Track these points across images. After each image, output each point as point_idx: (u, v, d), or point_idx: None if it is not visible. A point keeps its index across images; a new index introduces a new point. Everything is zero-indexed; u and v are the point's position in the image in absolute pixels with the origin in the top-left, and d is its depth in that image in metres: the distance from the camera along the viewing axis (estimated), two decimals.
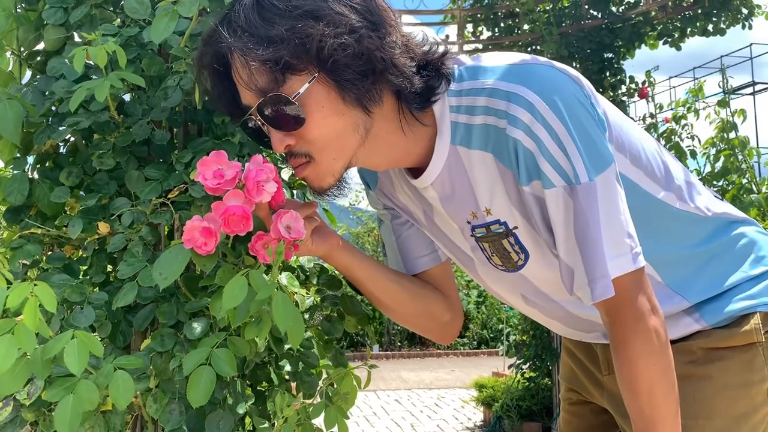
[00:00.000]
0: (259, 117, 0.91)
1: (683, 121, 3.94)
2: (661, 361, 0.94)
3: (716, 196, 1.16)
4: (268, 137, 0.94)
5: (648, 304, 0.94)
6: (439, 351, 10.16)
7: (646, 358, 0.93)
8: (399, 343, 10.32)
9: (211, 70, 0.93)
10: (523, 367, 5.07)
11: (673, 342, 0.97)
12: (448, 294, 1.19)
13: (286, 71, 0.87)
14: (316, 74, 0.88)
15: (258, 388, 1.25)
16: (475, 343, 10.49)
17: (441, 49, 0.96)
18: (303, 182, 1.45)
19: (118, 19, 1.24)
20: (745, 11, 5.10)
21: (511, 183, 0.96)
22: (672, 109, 4.10)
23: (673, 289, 1.08)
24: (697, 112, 3.96)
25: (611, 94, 5.18)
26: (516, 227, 1.00)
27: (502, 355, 7.40)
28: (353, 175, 1.08)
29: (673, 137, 3.90)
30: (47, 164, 1.23)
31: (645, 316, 0.93)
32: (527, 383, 5.12)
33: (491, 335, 10.47)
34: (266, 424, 1.13)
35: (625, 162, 1.02)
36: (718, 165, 3.51)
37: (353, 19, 0.87)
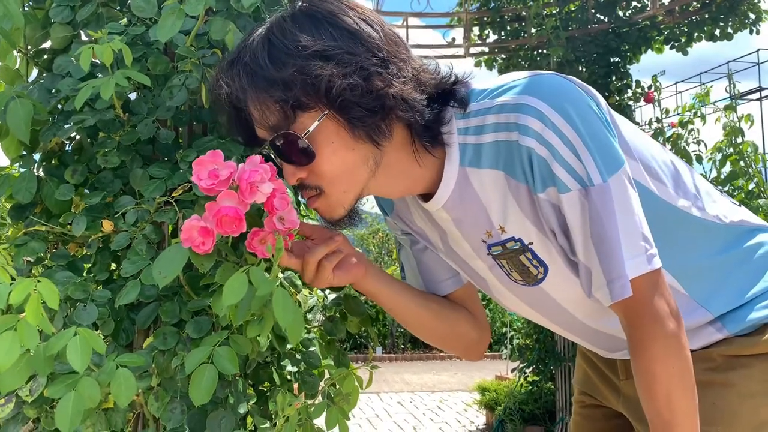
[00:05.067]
0: (273, 151, 0.94)
1: (690, 126, 3.93)
2: (680, 364, 0.93)
3: (733, 203, 1.16)
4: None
5: (666, 306, 0.93)
6: (442, 354, 10.14)
7: (664, 361, 0.92)
8: (402, 346, 10.31)
9: (226, 105, 0.96)
10: (527, 370, 5.06)
11: (692, 350, 0.96)
12: (475, 313, 1.20)
13: (297, 110, 0.90)
14: (325, 112, 0.90)
15: (260, 387, 1.25)
16: None
17: (453, 77, 0.97)
18: None
19: (125, 18, 1.25)
20: (752, 16, 5.09)
21: (525, 197, 0.96)
22: (678, 114, 4.08)
23: (697, 302, 1.07)
24: (703, 117, 3.95)
25: (617, 98, 5.17)
26: (531, 243, 1.00)
27: (505, 358, 7.38)
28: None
29: (679, 142, 3.89)
30: (53, 162, 1.23)
31: (663, 319, 0.93)
32: (530, 387, 5.11)
33: (495, 338, 10.44)
34: (267, 424, 1.13)
35: (639, 169, 1.01)
36: (725, 170, 3.50)
37: (362, 57, 0.89)
